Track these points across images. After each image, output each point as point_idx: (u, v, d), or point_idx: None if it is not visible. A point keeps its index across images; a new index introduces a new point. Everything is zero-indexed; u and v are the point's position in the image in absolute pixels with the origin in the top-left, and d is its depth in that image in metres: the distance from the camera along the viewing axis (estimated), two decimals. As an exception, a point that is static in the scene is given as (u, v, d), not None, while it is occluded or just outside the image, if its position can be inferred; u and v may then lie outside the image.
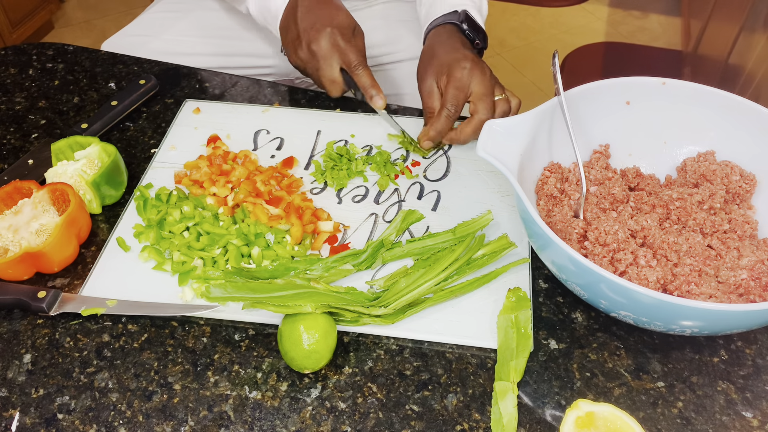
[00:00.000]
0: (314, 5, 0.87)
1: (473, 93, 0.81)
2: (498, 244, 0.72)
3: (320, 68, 0.86)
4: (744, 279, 0.64)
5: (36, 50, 1.04)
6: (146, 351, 0.66)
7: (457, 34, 0.88)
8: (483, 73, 0.81)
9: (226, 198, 0.78)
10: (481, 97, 0.80)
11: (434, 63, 0.84)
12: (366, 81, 0.85)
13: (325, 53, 0.85)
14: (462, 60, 0.81)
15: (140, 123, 0.92)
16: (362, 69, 0.85)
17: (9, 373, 0.65)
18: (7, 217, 0.73)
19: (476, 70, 0.81)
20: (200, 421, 0.61)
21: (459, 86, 0.80)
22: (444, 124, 0.81)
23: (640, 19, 2.83)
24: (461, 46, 0.85)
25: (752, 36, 1.70)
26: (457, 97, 0.81)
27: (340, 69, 0.87)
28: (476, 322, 0.68)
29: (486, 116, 0.80)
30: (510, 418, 0.60)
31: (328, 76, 0.87)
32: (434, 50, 0.86)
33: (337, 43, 0.85)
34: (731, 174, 0.73)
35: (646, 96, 0.76)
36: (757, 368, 0.65)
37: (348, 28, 0.87)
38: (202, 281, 0.70)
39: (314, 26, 0.85)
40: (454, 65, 0.81)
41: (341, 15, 0.87)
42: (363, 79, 0.85)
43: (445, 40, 0.87)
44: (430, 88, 0.84)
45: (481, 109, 0.80)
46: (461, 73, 0.80)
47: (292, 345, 0.61)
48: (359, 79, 0.85)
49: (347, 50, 0.85)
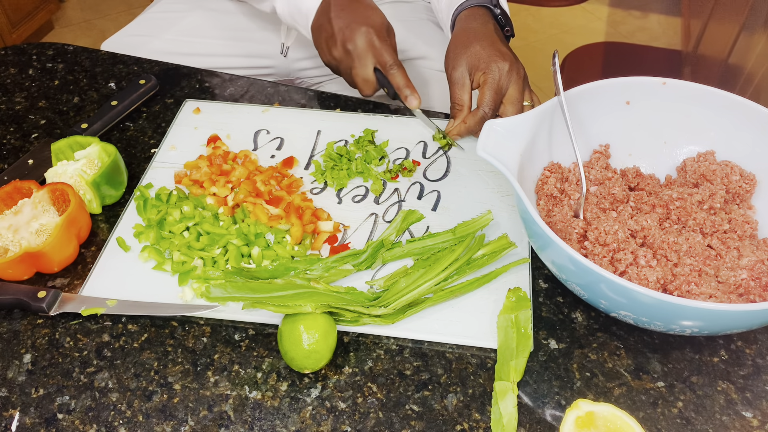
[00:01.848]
0: (348, 4, 0.86)
1: (507, 95, 0.80)
2: (498, 244, 0.72)
3: (355, 67, 0.85)
4: (744, 279, 0.64)
5: (36, 50, 1.04)
6: (146, 351, 0.66)
7: (491, 21, 0.85)
8: (519, 76, 0.81)
9: (226, 198, 0.78)
10: (513, 102, 0.80)
11: (469, 53, 0.81)
12: (401, 81, 0.84)
13: (360, 52, 0.84)
14: (501, 58, 0.80)
15: (140, 123, 0.92)
16: (397, 69, 0.84)
17: (9, 373, 0.65)
18: (7, 217, 0.73)
19: (514, 72, 0.80)
20: (200, 421, 0.61)
21: (497, 89, 0.79)
22: (477, 124, 0.80)
23: (640, 19, 2.83)
24: (498, 39, 0.83)
25: (752, 36, 1.70)
26: (495, 101, 0.80)
27: (374, 68, 0.86)
28: (476, 322, 0.68)
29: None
30: (510, 418, 0.60)
31: (362, 75, 0.86)
32: (469, 37, 0.83)
33: (372, 43, 0.84)
34: (731, 174, 0.73)
35: (646, 96, 0.76)
36: (757, 368, 0.65)
37: (382, 27, 0.86)
38: (202, 281, 0.70)
39: (349, 25, 0.85)
40: (493, 63, 0.79)
41: (376, 14, 0.86)
42: (397, 78, 0.84)
43: (480, 26, 0.84)
44: (462, 79, 0.82)
45: (510, 112, 0.80)
46: (499, 74, 0.79)
47: (292, 345, 0.61)
48: (394, 78, 0.84)
49: (382, 49, 0.84)
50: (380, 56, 0.85)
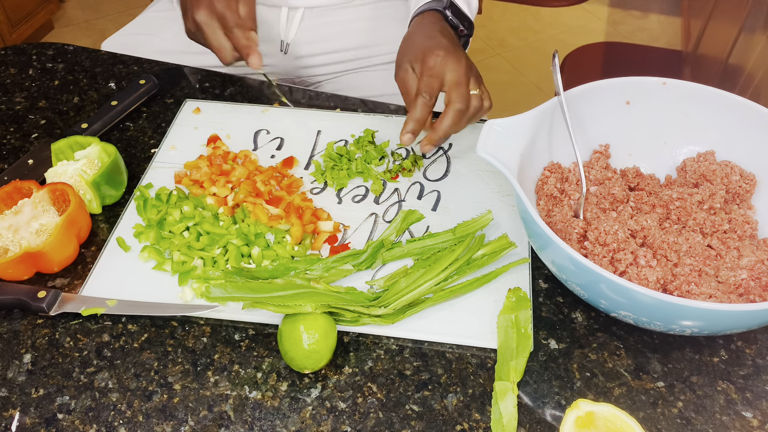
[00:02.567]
0: None
1: (447, 81, 0.77)
2: (498, 244, 0.72)
3: (205, 36, 0.86)
4: (744, 279, 0.64)
5: (36, 50, 1.04)
6: (146, 351, 0.66)
7: (439, 22, 0.85)
8: (458, 62, 0.77)
9: (226, 198, 0.78)
10: (455, 86, 0.76)
11: (410, 50, 0.81)
12: (241, 41, 0.84)
13: (205, 20, 0.85)
14: (436, 47, 0.78)
15: (140, 123, 0.92)
16: (238, 29, 0.84)
17: (9, 373, 0.65)
18: (7, 217, 0.73)
19: (450, 58, 0.77)
20: (200, 421, 0.61)
21: (432, 74, 0.77)
22: (420, 111, 0.77)
23: (640, 19, 2.83)
24: (439, 33, 0.82)
25: (752, 36, 1.70)
26: (430, 85, 0.77)
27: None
28: (476, 322, 0.68)
29: (461, 105, 0.76)
30: (510, 418, 0.60)
31: (214, 44, 0.86)
32: (412, 37, 0.83)
33: (214, 8, 0.84)
34: (731, 174, 0.73)
35: (646, 96, 0.76)
36: (757, 368, 0.65)
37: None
38: (202, 281, 0.70)
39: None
40: (428, 53, 0.78)
41: None
42: (237, 40, 0.84)
43: (425, 27, 0.84)
44: (405, 76, 0.81)
45: (455, 97, 0.76)
46: (434, 61, 0.77)
47: (292, 345, 0.61)
48: (234, 40, 0.84)
49: (224, 13, 0.84)
50: (223, 20, 0.85)
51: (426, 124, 0.79)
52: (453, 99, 0.76)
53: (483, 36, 2.71)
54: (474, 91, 0.78)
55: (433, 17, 0.86)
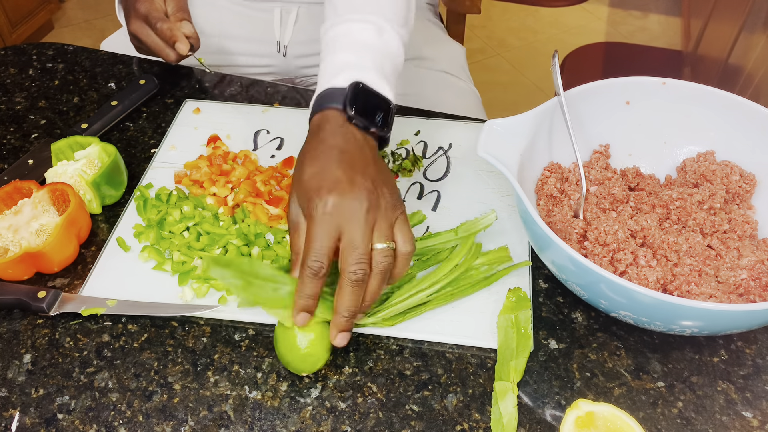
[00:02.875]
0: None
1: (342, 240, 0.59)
2: (496, 255, 0.71)
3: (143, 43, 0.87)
4: (744, 279, 0.64)
5: (36, 50, 1.04)
6: (146, 351, 0.66)
7: (340, 127, 0.64)
8: (352, 209, 0.58)
9: (226, 198, 0.78)
10: (347, 248, 0.58)
11: (299, 185, 0.62)
12: (165, 33, 0.84)
13: (137, 29, 0.86)
14: (324, 185, 0.59)
15: (140, 123, 0.92)
16: (162, 23, 0.84)
17: (9, 373, 0.65)
18: (7, 217, 0.73)
19: (345, 204, 0.58)
20: (200, 421, 0.61)
21: (320, 234, 0.58)
22: (309, 287, 0.59)
23: (640, 19, 2.83)
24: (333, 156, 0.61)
25: (752, 36, 1.70)
26: (316, 250, 0.58)
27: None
28: (476, 322, 0.68)
29: (356, 276, 0.58)
30: (510, 418, 0.60)
31: (152, 47, 0.87)
32: (304, 159, 0.63)
33: (139, 14, 0.85)
34: (731, 174, 0.73)
35: (646, 96, 0.76)
36: (757, 368, 0.65)
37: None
38: (202, 281, 0.70)
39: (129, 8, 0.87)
40: (314, 194, 0.59)
41: None
42: (162, 33, 0.84)
43: (320, 140, 0.63)
44: (295, 223, 0.62)
45: (348, 264, 0.58)
46: (322, 209, 0.58)
47: (288, 349, 0.61)
48: (161, 35, 0.85)
49: (148, 14, 0.85)
50: (147, 21, 0.85)
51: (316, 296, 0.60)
52: (345, 267, 0.58)
53: (483, 36, 2.71)
54: (380, 244, 0.59)
55: (330, 121, 0.64)
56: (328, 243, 0.58)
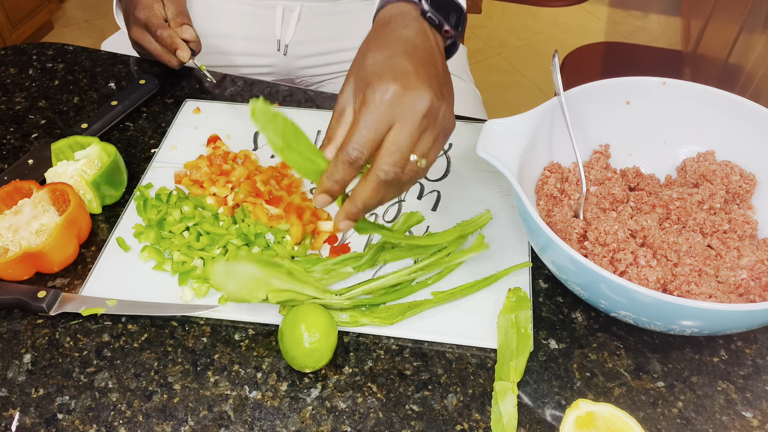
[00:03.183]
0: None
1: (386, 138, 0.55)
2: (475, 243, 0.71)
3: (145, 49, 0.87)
4: (744, 279, 0.64)
5: (36, 50, 1.04)
6: (146, 351, 0.66)
7: (413, 21, 0.59)
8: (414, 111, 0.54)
9: (226, 198, 0.78)
10: (391, 147, 0.54)
11: (360, 67, 0.57)
12: (167, 40, 0.84)
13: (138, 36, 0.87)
14: (389, 74, 0.54)
15: (140, 123, 0.92)
16: (162, 30, 0.84)
17: (9, 373, 0.65)
18: (7, 217, 0.73)
19: (407, 102, 0.53)
20: (200, 421, 0.61)
21: (369, 122, 0.53)
22: (341, 173, 0.55)
23: (640, 19, 2.83)
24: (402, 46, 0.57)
25: (752, 36, 1.70)
26: (363, 138, 0.54)
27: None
28: (476, 322, 0.68)
29: (387, 176, 0.55)
30: (510, 418, 0.60)
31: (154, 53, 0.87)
32: (369, 45, 0.59)
33: (139, 21, 0.86)
34: (731, 174, 0.73)
35: (646, 96, 0.76)
36: (757, 368, 0.65)
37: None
38: (202, 281, 0.70)
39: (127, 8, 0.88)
40: (375, 81, 0.54)
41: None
42: (163, 40, 0.85)
43: (390, 29, 0.59)
44: (341, 108, 0.58)
45: (384, 162, 0.54)
46: (380, 98, 0.53)
47: (293, 344, 0.61)
48: (161, 41, 0.85)
49: (148, 21, 0.85)
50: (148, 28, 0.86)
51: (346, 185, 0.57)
52: (380, 163, 0.55)
53: (483, 36, 2.71)
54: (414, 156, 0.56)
55: (404, 13, 0.60)
56: (374, 135, 0.54)
